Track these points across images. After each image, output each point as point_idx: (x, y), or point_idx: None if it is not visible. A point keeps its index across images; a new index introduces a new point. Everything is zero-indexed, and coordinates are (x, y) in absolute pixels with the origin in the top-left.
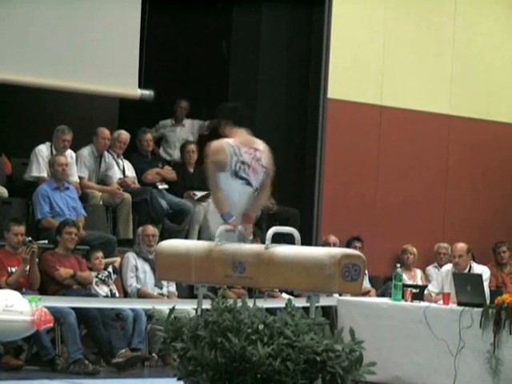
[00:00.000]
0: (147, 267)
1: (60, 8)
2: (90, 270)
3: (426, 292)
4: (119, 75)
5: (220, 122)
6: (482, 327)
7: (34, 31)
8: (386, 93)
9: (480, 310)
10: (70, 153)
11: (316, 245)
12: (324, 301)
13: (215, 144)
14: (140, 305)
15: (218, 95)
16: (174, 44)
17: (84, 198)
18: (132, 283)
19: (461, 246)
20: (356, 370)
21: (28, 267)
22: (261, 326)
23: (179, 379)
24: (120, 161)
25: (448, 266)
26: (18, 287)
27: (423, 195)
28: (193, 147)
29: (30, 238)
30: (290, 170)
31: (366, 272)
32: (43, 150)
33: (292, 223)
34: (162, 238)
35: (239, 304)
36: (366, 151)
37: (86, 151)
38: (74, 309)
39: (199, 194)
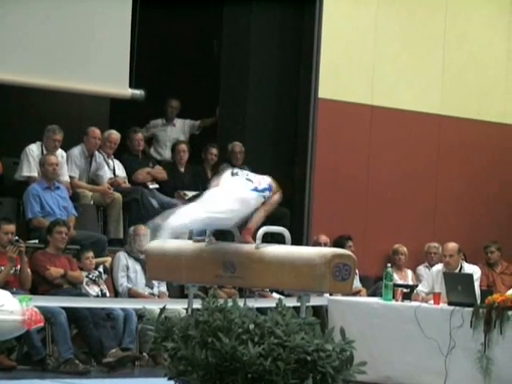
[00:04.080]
0: (138, 267)
1: (50, 7)
2: (81, 269)
3: (414, 292)
4: (110, 75)
5: None
6: (472, 327)
7: (24, 31)
8: (376, 92)
9: (471, 309)
10: (60, 152)
11: (307, 244)
12: (315, 300)
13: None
14: (131, 304)
15: (208, 95)
16: (165, 44)
17: (75, 197)
18: (123, 283)
19: (452, 245)
20: (346, 370)
21: (18, 267)
22: (251, 326)
23: (170, 379)
24: (110, 160)
25: (439, 266)
26: (5, 286)
27: (414, 195)
28: (184, 147)
29: (16, 238)
30: (280, 169)
31: (357, 272)
32: (34, 149)
33: (282, 223)
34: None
35: (230, 304)
36: (356, 151)
37: (76, 151)
38: (64, 308)
39: (190, 193)
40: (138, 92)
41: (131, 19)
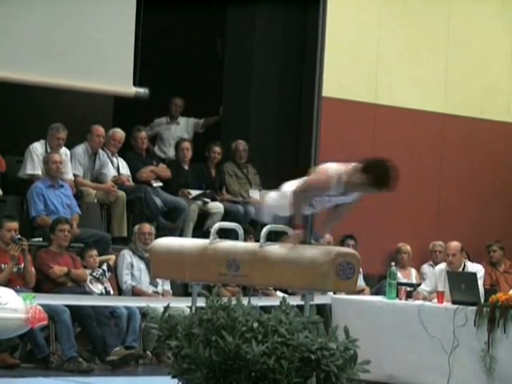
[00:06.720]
0: (142, 265)
1: (55, 6)
2: (85, 267)
3: (415, 292)
4: (114, 73)
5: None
6: (476, 326)
7: (29, 30)
8: (380, 91)
9: (474, 308)
10: (64, 150)
11: (310, 243)
12: (318, 299)
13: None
14: (134, 303)
15: (212, 93)
16: (169, 42)
17: (78, 195)
18: (127, 280)
19: (454, 244)
20: (350, 369)
21: (22, 265)
22: (255, 324)
23: (173, 377)
24: (114, 159)
25: (442, 265)
26: (9, 284)
27: (417, 193)
28: (187, 145)
29: (19, 236)
30: (284, 167)
31: (361, 270)
32: (38, 147)
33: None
34: (157, 235)
35: (234, 302)
36: (360, 150)
37: (80, 149)
38: (68, 307)
39: (194, 192)
40: (142, 90)
41: (135, 17)
